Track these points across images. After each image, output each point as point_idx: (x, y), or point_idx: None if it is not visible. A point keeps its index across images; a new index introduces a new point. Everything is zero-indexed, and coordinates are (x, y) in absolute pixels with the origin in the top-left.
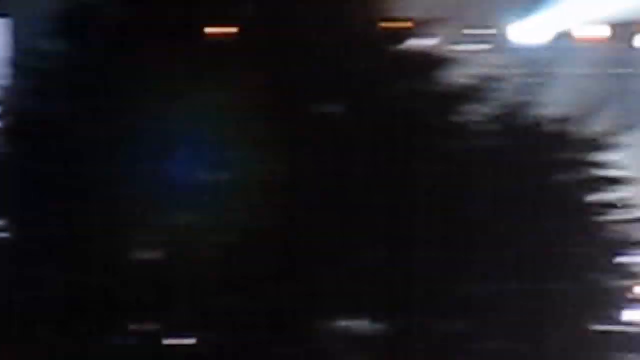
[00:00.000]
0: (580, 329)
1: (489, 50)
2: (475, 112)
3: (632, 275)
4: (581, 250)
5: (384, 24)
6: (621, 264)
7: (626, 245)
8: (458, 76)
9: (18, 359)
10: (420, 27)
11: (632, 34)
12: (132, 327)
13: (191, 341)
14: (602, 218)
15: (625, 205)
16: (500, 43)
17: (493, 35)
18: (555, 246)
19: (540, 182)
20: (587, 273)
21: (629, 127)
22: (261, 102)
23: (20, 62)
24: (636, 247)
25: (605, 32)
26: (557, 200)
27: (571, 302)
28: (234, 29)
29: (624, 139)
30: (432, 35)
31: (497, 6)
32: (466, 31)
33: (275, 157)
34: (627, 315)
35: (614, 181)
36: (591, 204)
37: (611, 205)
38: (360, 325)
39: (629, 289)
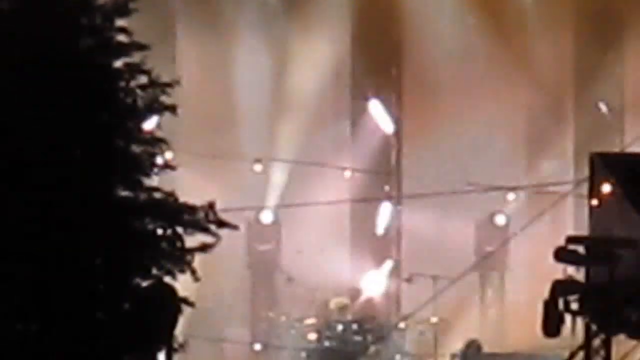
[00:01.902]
0: (107, 194)
1: None
2: None
3: (157, 142)
4: (107, 116)
5: None
6: (147, 130)
7: (152, 110)
8: None
9: None
10: None
11: None
12: None
13: None
14: (128, 84)
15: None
16: None
17: None
18: (80, 112)
19: (66, 48)
20: (114, 139)
21: None
22: None
23: None
24: (160, 112)
25: None
26: (82, 66)
27: (98, 168)
28: None
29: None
30: None
31: None
32: None
33: None
34: (153, 181)
35: (138, 47)
36: (117, 70)
37: (141, 71)
38: None
39: (154, 154)
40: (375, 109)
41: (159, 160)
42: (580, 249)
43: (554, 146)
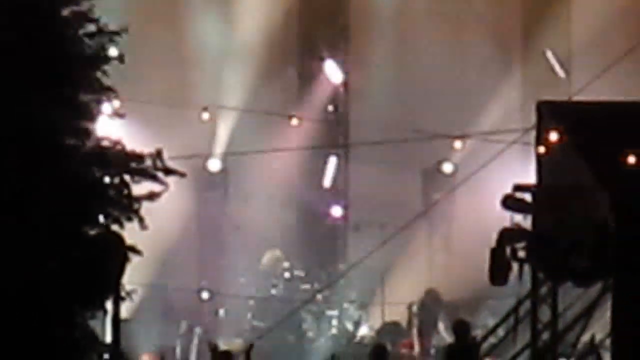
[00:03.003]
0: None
1: None
2: None
3: (105, 90)
4: (54, 64)
5: None
6: (95, 78)
7: (99, 59)
8: None
9: None
10: None
11: None
12: None
13: None
14: (75, 32)
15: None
16: None
17: None
18: (26, 60)
19: None
20: (62, 88)
21: None
22: None
23: None
24: (107, 61)
25: None
26: (28, 14)
27: (44, 116)
28: None
29: None
30: None
31: None
32: None
33: None
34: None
35: None
36: (64, 18)
37: (88, 19)
38: None
39: (102, 102)
40: (327, 63)
41: (107, 108)
42: (527, 197)
43: (501, 94)
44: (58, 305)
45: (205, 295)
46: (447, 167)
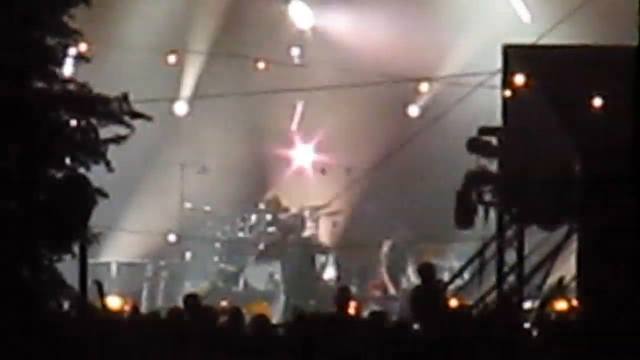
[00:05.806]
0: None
1: None
2: None
3: (71, 33)
4: (22, 8)
5: None
6: (62, 22)
7: (66, 2)
8: None
9: None
10: None
11: None
12: None
13: None
14: None
15: None
16: None
17: None
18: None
19: None
20: (29, 31)
21: None
22: None
23: None
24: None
25: None
26: None
27: (12, 58)
28: None
29: None
30: None
31: None
32: None
33: None
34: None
35: None
36: None
37: None
38: None
39: (68, 46)
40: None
41: (73, 51)
42: (493, 140)
43: (467, 38)
44: (24, 248)
45: (171, 238)
46: (413, 111)
